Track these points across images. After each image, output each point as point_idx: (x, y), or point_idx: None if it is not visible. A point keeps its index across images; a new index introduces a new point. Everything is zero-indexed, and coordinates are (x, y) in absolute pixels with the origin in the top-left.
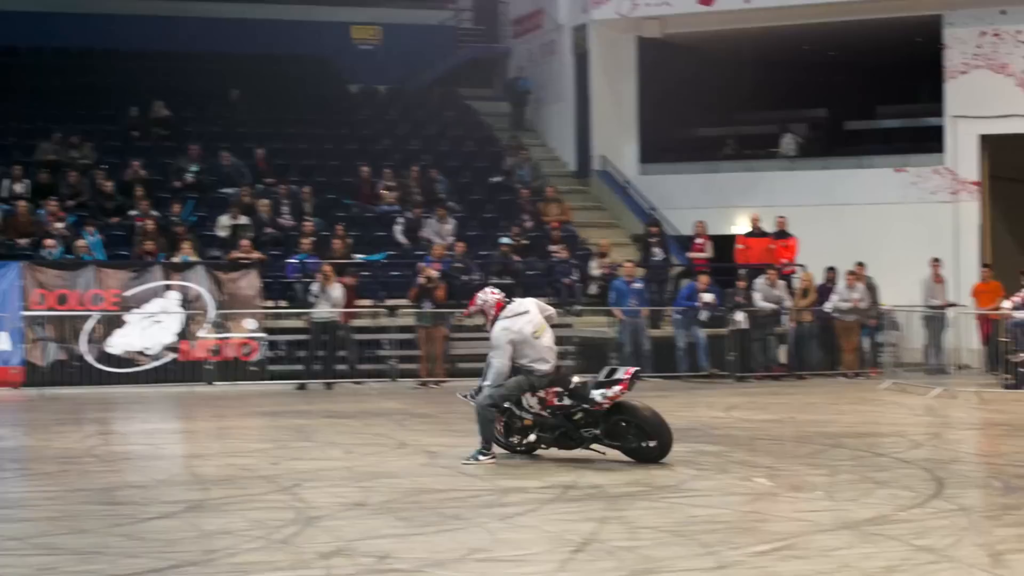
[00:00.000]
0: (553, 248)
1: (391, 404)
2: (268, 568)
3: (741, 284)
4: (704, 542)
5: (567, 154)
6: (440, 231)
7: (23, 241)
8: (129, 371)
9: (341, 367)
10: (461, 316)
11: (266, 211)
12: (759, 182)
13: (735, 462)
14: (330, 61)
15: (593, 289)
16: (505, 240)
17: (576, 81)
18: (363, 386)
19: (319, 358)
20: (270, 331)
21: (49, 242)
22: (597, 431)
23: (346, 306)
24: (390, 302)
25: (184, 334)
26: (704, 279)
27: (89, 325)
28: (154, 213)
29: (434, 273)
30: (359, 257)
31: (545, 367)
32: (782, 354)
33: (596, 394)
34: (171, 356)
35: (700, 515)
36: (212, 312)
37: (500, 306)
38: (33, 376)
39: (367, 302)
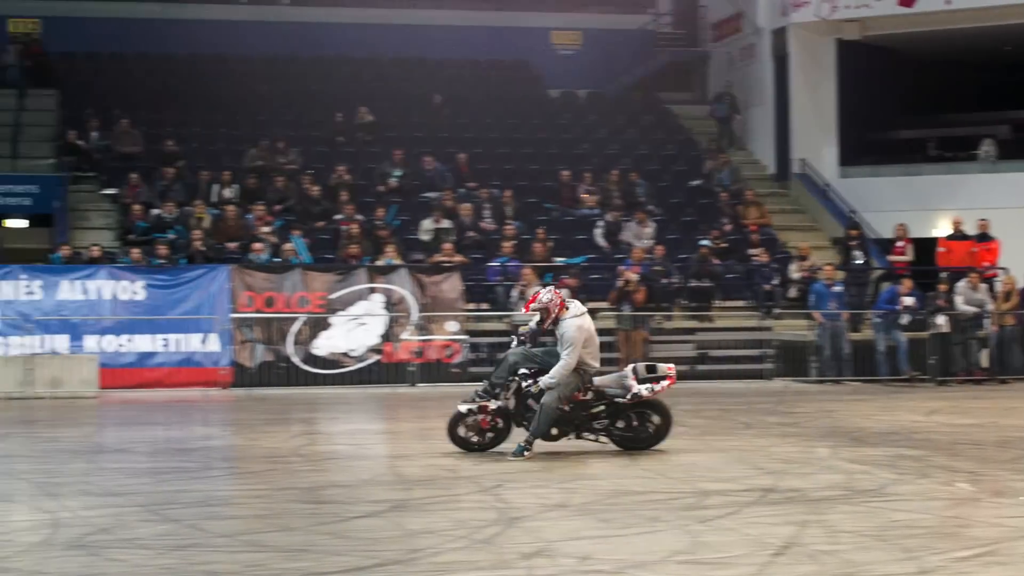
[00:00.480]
0: (753, 251)
1: None
2: (470, 568)
3: (942, 287)
4: (905, 547)
5: (767, 157)
6: (640, 234)
7: (232, 245)
8: (334, 372)
9: None
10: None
11: (468, 215)
12: (961, 184)
13: (936, 466)
14: (531, 66)
15: (793, 292)
16: (705, 243)
17: (775, 84)
18: None
19: None
20: (472, 333)
21: (257, 246)
22: (607, 422)
23: None
24: (590, 305)
25: (388, 336)
26: (907, 283)
27: (296, 327)
28: (359, 217)
29: (634, 276)
30: (560, 260)
31: (597, 364)
32: (984, 358)
33: (642, 388)
34: (375, 358)
35: (901, 519)
36: (415, 315)
37: (563, 305)
38: (241, 377)
39: None
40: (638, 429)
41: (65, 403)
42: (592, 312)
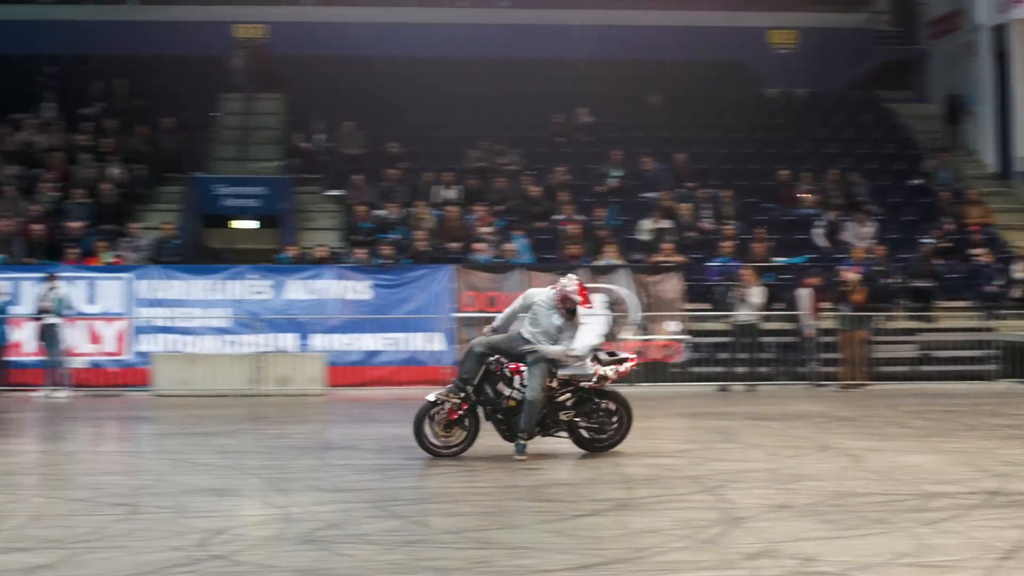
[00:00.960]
0: (975, 251)
1: (812, 407)
2: (695, 567)
3: None
4: None
5: (988, 155)
6: (860, 234)
7: (454, 245)
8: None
9: (763, 369)
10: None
11: (687, 215)
12: None
13: None
14: (748, 65)
15: (1017, 292)
16: (926, 243)
17: (996, 82)
18: (784, 388)
19: (741, 360)
20: (693, 333)
21: (479, 246)
22: (573, 413)
23: (813, 310)
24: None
25: (609, 336)
26: None
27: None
28: (578, 217)
29: (854, 276)
30: (779, 260)
31: None
32: None
33: (608, 370)
34: None
35: None
36: (637, 314)
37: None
38: None
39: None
40: (603, 421)
41: (293, 400)
42: (820, 311)
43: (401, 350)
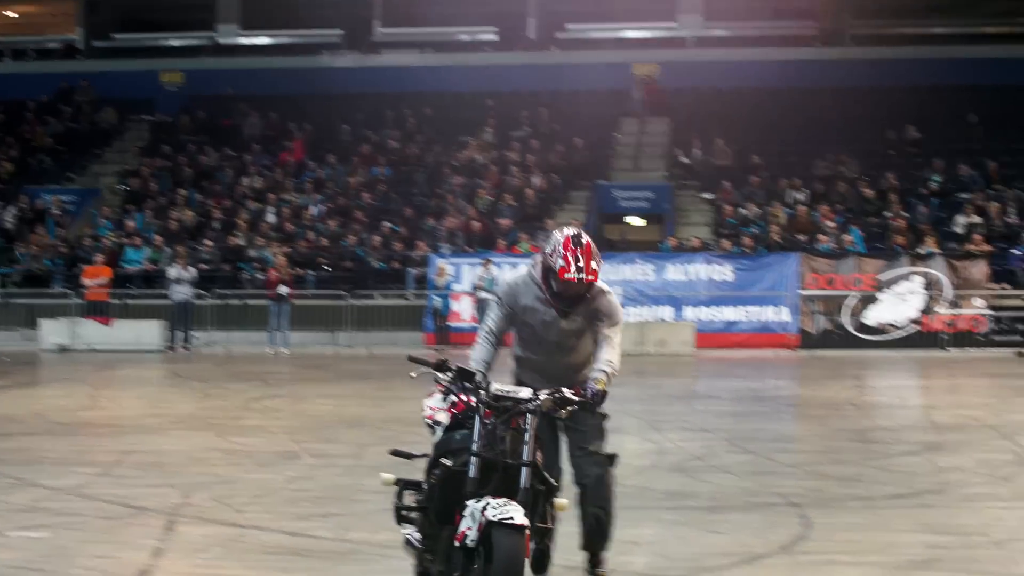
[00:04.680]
0: None
1: None
2: (992, 499)
3: None
4: None
5: None
6: None
7: (802, 237)
8: (880, 339)
9: None
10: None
11: (996, 212)
12: None
13: None
14: None
15: None
16: None
17: None
18: None
19: None
20: (995, 308)
21: (822, 237)
22: None
23: None
24: None
25: (925, 310)
26: None
27: (851, 302)
28: (904, 215)
29: None
30: None
31: None
32: None
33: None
34: (914, 328)
35: None
36: (948, 293)
37: None
38: (806, 341)
39: None
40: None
41: (668, 359)
42: None
43: (755, 320)
